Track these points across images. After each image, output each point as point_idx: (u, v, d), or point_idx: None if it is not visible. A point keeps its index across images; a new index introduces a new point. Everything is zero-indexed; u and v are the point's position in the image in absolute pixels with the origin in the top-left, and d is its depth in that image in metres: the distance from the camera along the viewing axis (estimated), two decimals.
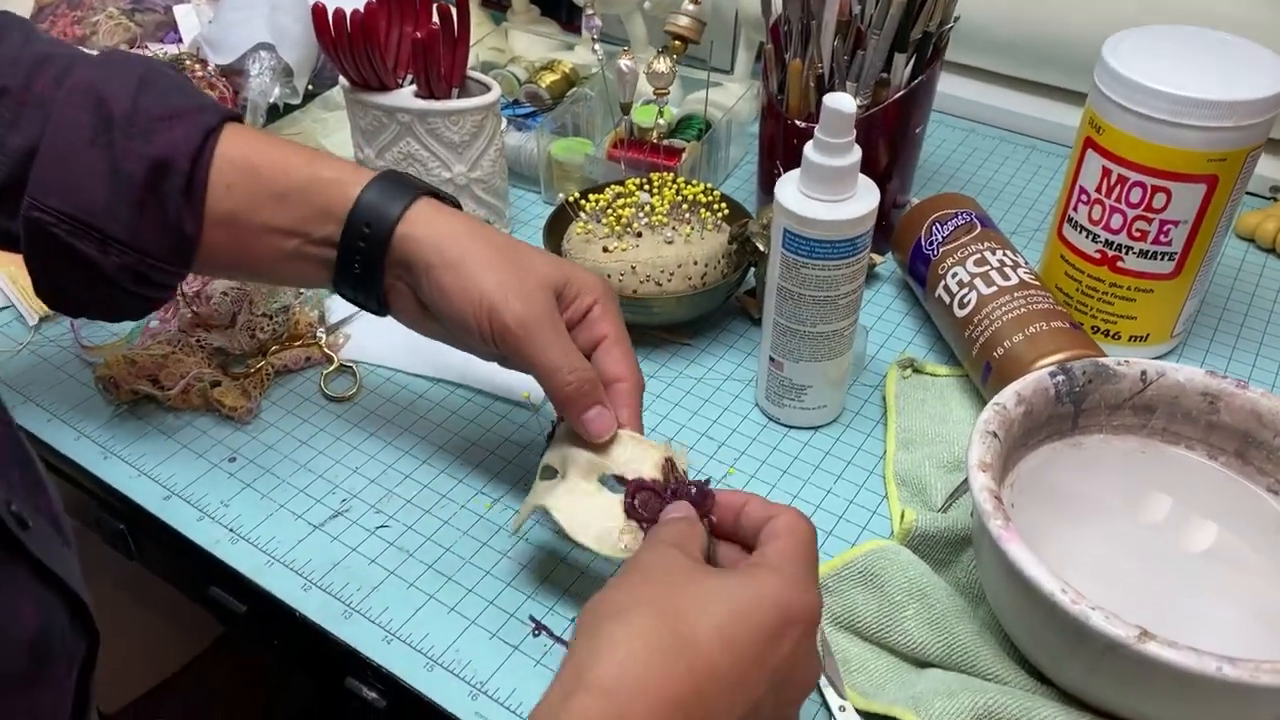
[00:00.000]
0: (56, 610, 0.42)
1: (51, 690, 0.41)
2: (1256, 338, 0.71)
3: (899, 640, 0.50)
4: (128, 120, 0.50)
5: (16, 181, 0.50)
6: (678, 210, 0.69)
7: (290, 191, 0.52)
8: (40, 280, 0.53)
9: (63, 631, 0.42)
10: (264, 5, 0.88)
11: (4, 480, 0.41)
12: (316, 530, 0.57)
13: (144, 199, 0.50)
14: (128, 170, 0.50)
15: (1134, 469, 0.53)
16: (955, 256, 0.66)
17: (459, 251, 0.50)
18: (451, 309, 0.50)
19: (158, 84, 0.52)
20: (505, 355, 0.51)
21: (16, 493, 0.41)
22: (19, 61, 0.51)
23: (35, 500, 0.43)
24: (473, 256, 0.50)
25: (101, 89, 0.50)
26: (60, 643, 0.42)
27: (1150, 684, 0.41)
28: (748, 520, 0.45)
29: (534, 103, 0.90)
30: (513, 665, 0.51)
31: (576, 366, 0.50)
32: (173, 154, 0.50)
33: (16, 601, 0.39)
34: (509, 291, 0.49)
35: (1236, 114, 0.57)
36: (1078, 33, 0.86)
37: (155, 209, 0.51)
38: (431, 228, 0.51)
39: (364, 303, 0.55)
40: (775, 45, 0.73)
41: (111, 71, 0.51)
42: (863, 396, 0.67)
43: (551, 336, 0.50)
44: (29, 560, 0.40)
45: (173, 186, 0.51)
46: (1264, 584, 0.49)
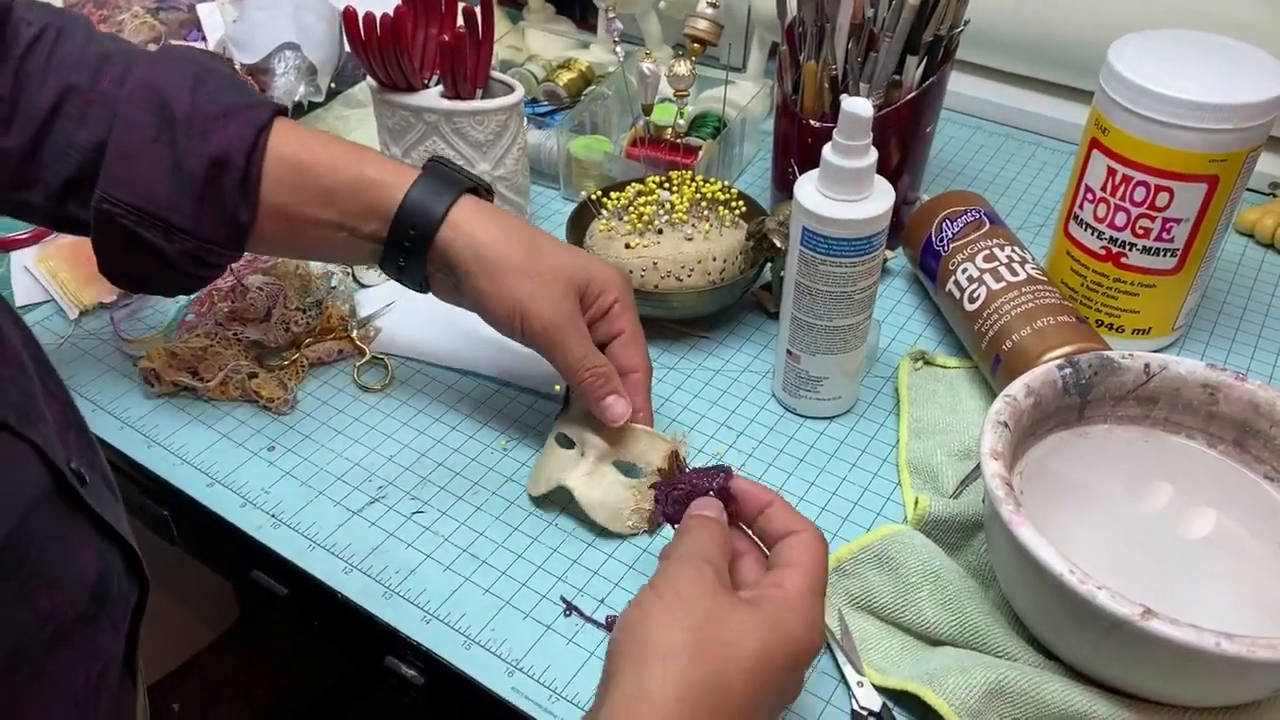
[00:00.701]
0: (113, 558, 0.46)
1: (109, 632, 0.45)
2: (1255, 330, 0.74)
3: (913, 620, 0.53)
4: (187, 120, 0.54)
5: (87, 175, 0.54)
6: (697, 208, 0.71)
7: (338, 188, 0.57)
8: (107, 262, 0.57)
9: (119, 578, 0.46)
10: (289, 5, 0.90)
11: (64, 442, 0.44)
12: (355, 516, 0.60)
13: (204, 194, 0.55)
14: (189, 168, 0.54)
15: (1137, 457, 0.56)
16: (965, 252, 0.69)
17: (494, 259, 0.56)
18: (488, 310, 0.58)
19: (210, 81, 0.56)
20: (536, 350, 0.58)
21: (74, 452, 0.45)
22: (84, 61, 0.55)
23: (90, 460, 0.47)
24: (506, 264, 0.56)
25: (161, 88, 0.54)
26: (117, 587, 0.46)
27: (1153, 659, 0.44)
28: (769, 525, 0.47)
29: (552, 101, 0.92)
30: (546, 644, 0.54)
31: (595, 363, 0.57)
32: (229, 150, 0.55)
33: (80, 550, 0.43)
34: (538, 299, 0.56)
35: (1236, 117, 0.59)
36: (1083, 33, 0.89)
37: (214, 201, 0.55)
38: (469, 234, 0.56)
39: (407, 284, 0.60)
40: (790, 47, 0.75)
41: (169, 69, 0.55)
42: (876, 388, 0.69)
43: (574, 338, 0.57)
44: (88, 513, 0.44)
45: (230, 181, 0.55)
46: (1261, 568, 0.52)
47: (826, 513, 0.61)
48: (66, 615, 0.41)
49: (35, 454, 0.41)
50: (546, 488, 0.59)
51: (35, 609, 0.39)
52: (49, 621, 0.40)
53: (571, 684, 0.52)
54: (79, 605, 0.42)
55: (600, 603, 0.56)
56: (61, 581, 0.41)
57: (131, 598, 0.48)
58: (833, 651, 0.52)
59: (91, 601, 0.43)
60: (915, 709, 0.50)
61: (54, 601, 0.40)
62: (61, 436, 0.44)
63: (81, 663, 0.43)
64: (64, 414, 0.47)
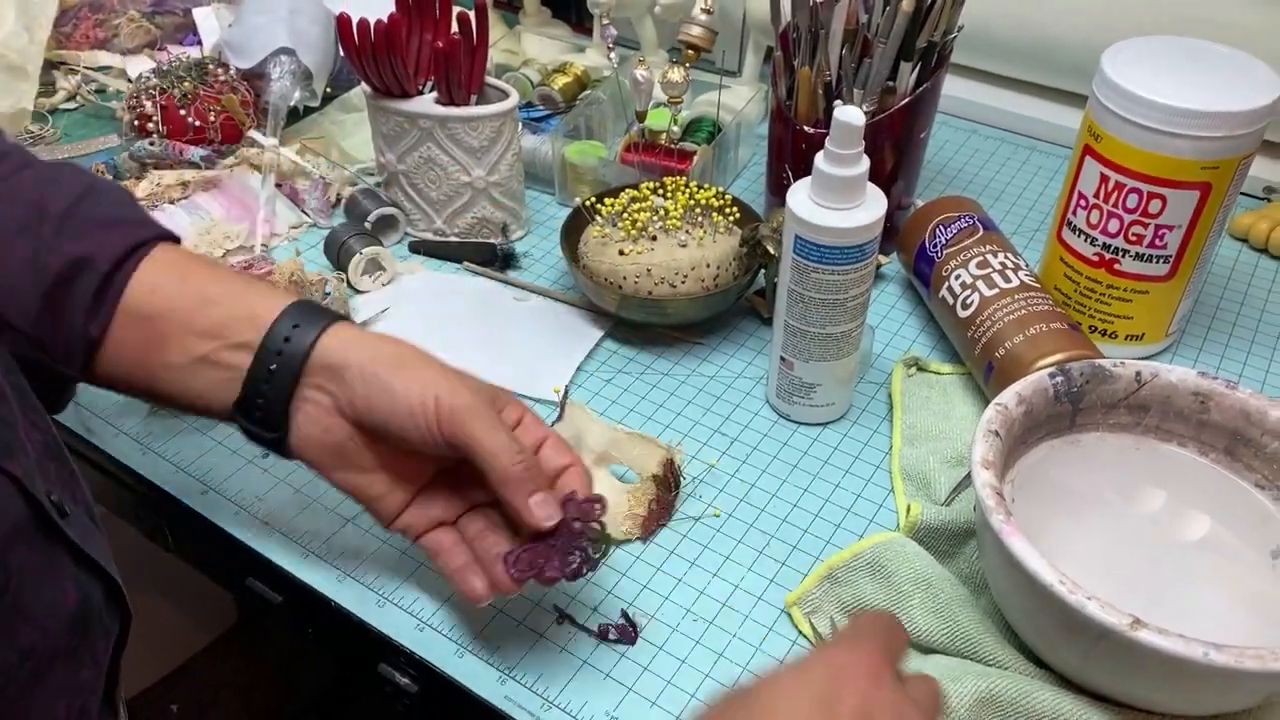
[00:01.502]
0: (94, 590, 0.45)
1: (90, 668, 0.44)
2: (1248, 335, 0.74)
3: (906, 627, 0.53)
4: (61, 218, 0.50)
5: None
6: (691, 214, 0.71)
7: (219, 297, 0.52)
8: None
9: (100, 610, 0.45)
10: (284, 10, 0.90)
11: (43, 472, 0.43)
12: (349, 523, 0.60)
13: (53, 293, 0.49)
14: (46, 262, 0.49)
15: (1129, 465, 0.56)
16: (958, 259, 0.69)
17: (394, 354, 0.51)
18: (393, 400, 0.49)
19: (104, 194, 0.53)
20: (446, 443, 0.49)
21: (54, 483, 0.44)
22: None
23: (72, 490, 0.46)
24: (412, 354, 0.51)
25: (46, 187, 0.51)
26: (98, 620, 0.45)
27: (1142, 669, 0.44)
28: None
29: (547, 105, 0.92)
30: (539, 652, 0.54)
31: (524, 450, 0.50)
32: (96, 255, 0.50)
33: (61, 582, 0.42)
34: (454, 380, 0.50)
35: (1228, 124, 0.60)
36: (1078, 37, 0.89)
37: (63, 305, 0.50)
38: (359, 336, 0.52)
39: (261, 420, 0.51)
40: (784, 52, 0.75)
41: (64, 175, 0.52)
42: (869, 394, 0.69)
43: (497, 421, 0.50)
44: (68, 545, 0.43)
45: (86, 286, 0.50)
46: (1252, 574, 0.52)
47: (819, 519, 0.61)
48: (46, 651, 0.40)
49: (14, 486, 0.40)
50: None
51: (15, 645, 0.38)
52: (28, 658, 0.39)
53: (564, 693, 0.52)
54: (58, 640, 0.41)
55: (593, 611, 0.56)
56: (41, 616, 0.40)
57: (114, 631, 0.47)
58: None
59: (71, 636, 0.42)
60: None
61: (33, 637, 0.39)
62: (41, 467, 0.43)
63: (62, 698, 0.42)
64: (44, 443, 0.45)
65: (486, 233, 0.82)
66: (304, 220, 0.84)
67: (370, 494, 0.52)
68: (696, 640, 0.54)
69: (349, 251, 0.76)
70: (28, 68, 0.93)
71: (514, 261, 0.81)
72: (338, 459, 0.51)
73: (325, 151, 0.90)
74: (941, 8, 0.70)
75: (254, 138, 0.86)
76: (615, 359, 0.72)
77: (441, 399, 0.49)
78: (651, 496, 0.60)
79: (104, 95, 1.00)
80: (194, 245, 0.78)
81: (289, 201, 0.85)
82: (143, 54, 1.03)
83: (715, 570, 0.58)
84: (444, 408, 0.49)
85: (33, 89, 0.93)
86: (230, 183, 0.83)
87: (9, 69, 0.92)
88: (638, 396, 0.69)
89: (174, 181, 0.81)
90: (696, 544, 0.59)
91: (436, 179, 0.78)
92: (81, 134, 0.96)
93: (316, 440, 0.51)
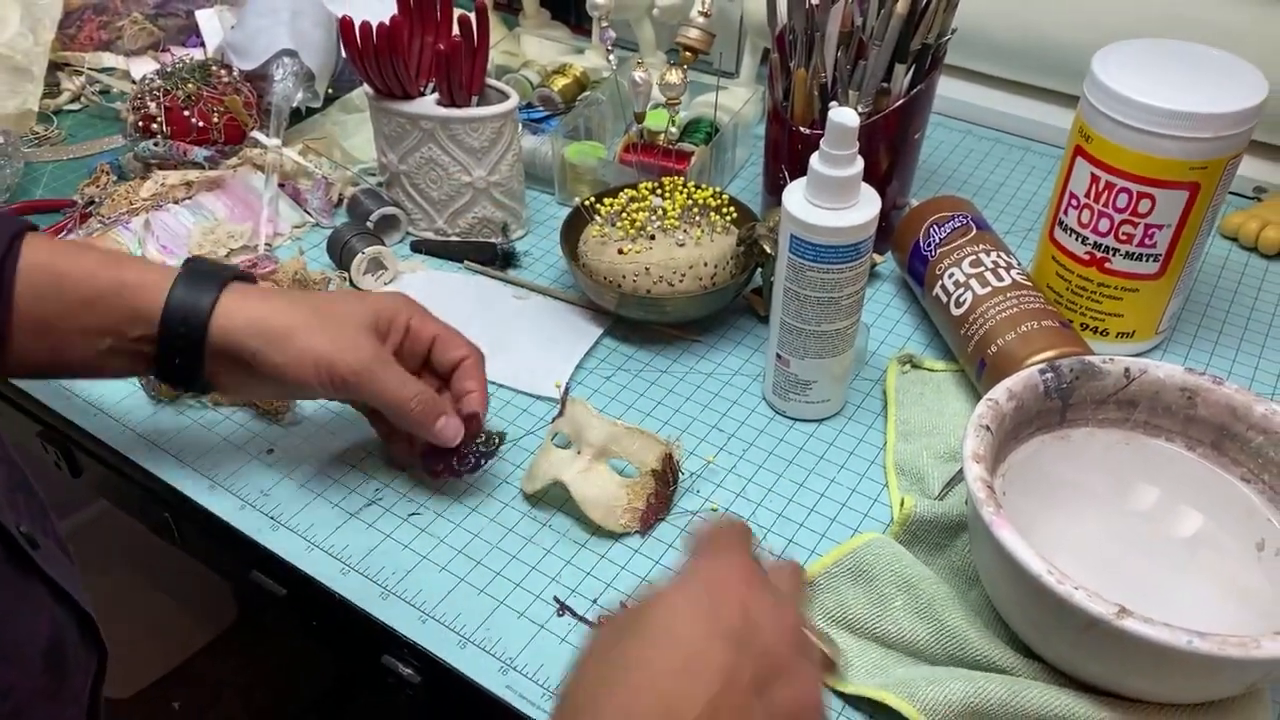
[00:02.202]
0: (68, 626, 0.45)
1: (73, 705, 0.44)
2: (1238, 333, 0.75)
3: (889, 629, 0.54)
4: None
5: None
6: (688, 214, 0.72)
7: (98, 298, 0.54)
8: None
9: (74, 645, 0.45)
10: (286, 12, 0.91)
11: (11, 504, 0.44)
12: (352, 518, 0.61)
13: None
14: None
15: (1118, 460, 0.57)
16: (952, 258, 0.70)
17: (279, 327, 0.55)
18: (289, 377, 0.55)
19: None
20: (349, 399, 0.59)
21: (24, 516, 0.44)
22: None
23: (42, 524, 0.46)
24: (295, 327, 0.55)
25: None
26: (74, 657, 0.45)
27: (1129, 657, 0.45)
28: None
29: (547, 106, 0.93)
30: (540, 643, 0.55)
31: (415, 391, 0.57)
32: None
33: (35, 616, 0.42)
34: (339, 346, 0.55)
35: (1215, 125, 0.61)
36: (1072, 38, 0.90)
37: None
38: (246, 312, 0.55)
39: (188, 386, 0.57)
40: (781, 54, 0.76)
41: None
42: (864, 390, 0.70)
43: (386, 373, 0.56)
44: (41, 577, 0.43)
45: None
46: (1239, 566, 0.53)
47: (814, 513, 0.62)
48: (23, 689, 0.40)
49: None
50: (542, 483, 0.61)
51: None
52: (7, 699, 0.39)
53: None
54: (36, 680, 0.41)
55: (593, 603, 0.57)
56: (15, 654, 0.40)
57: (91, 668, 0.47)
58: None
59: (46, 673, 0.42)
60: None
61: (10, 676, 0.39)
62: (9, 499, 0.43)
63: None
64: (9, 476, 0.46)
65: (487, 232, 0.83)
66: (307, 220, 0.85)
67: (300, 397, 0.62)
68: None
69: (351, 251, 0.77)
70: (33, 69, 0.93)
71: (514, 261, 0.82)
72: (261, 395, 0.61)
73: (327, 152, 0.91)
74: (935, 11, 0.71)
75: (257, 138, 0.87)
76: (614, 356, 0.73)
77: (333, 369, 0.55)
78: (650, 491, 0.61)
79: (108, 96, 1.01)
80: (198, 245, 0.79)
81: (292, 201, 0.86)
82: (146, 56, 1.04)
83: None
84: (336, 379, 0.55)
85: (38, 90, 0.94)
86: (234, 183, 0.84)
87: (14, 70, 0.93)
88: (636, 393, 0.70)
89: (178, 181, 0.82)
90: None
91: (438, 179, 0.79)
92: (86, 135, 0.97)
93: (235, 389, 0.60)
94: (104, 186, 0.85)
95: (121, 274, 0.54)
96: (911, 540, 0.58)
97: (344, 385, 0.55)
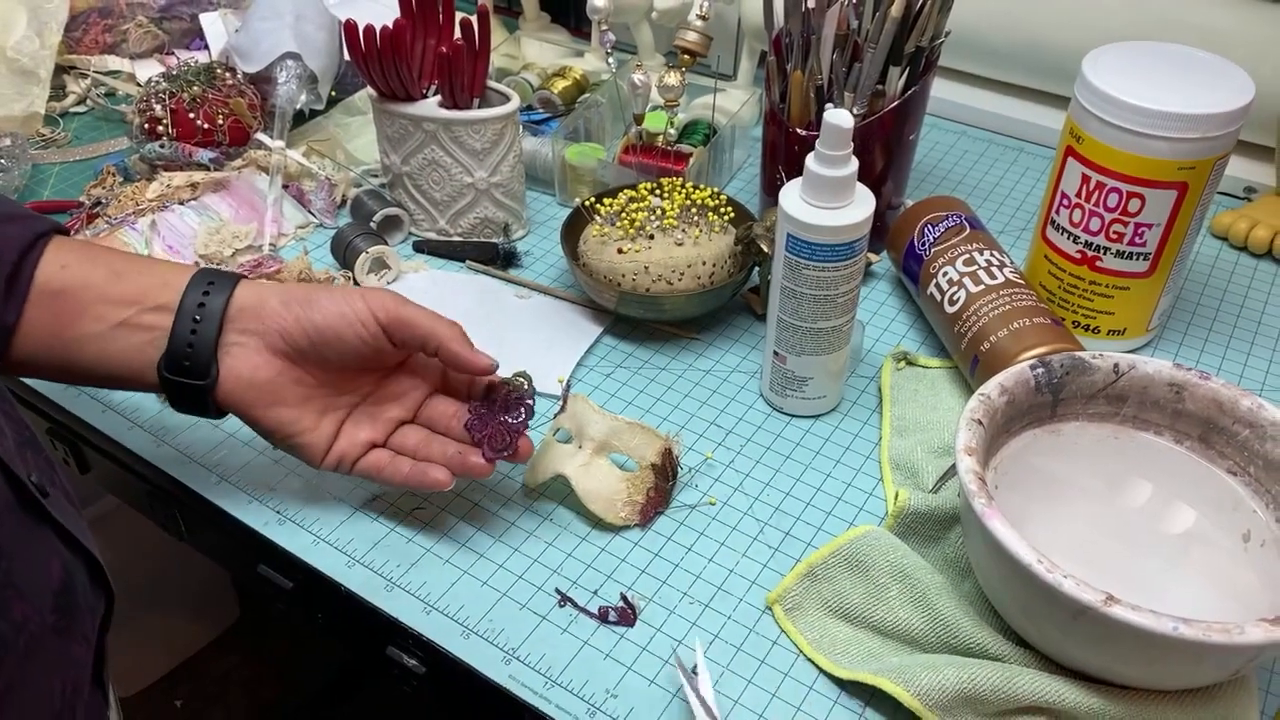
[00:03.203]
0: (77, 569, 0.47)
1: (80, 643, 0.46)
2: (1227, 330, 0.76)
3: (885, 618, 0.55)
4: None
5: None
6: (687, 214, 0.73)
7: (128, 270, 0.54)
8: None
9: (84, 588, 0.47)
10: (290, 15, 0.92)
11: (22, 458, 0.45)
12: (357, 512, 0.62)
13: None
14: None
15: (1107, 453, 0.58)
16: (946, 256, 0.71)
17: (301, 294, 0.56)
18: (324, 312, 0.55)
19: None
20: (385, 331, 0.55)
21: (33, 468, 0.46)
22: None
23: (50, 476, 0.48)
24: (316, 291, 0.56)
25: None
26: (83, 597, 0.47)
27: (1117, 644, 0.46)
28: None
29: (547, 108, 0.95)
30: (541, 633, 0.56)
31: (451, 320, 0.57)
32: (1, 246, 0.52)
33: (47, 558, 0.44)
34: (363, 294, 0.56)
35: (1203, 126, 0.62)
36: (1062, 40, 0.91)
37: None
38: (270, 283, 0.56)
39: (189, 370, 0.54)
40: (777, 57, 0.77)
41: None
42: (860, 387, 0.72)
43: (412, 306, 0.56)
44: (52, 523, 0.45)
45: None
46: (1225, 557, 0.55)
47: (811, 507, 0.63)
48: (37, 625, 0.42)
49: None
50: (544, 477, 0.62)
51: (9, 619, 0.40)
52: (21, 632, 0.41)
53: (566, 671, 0.54)
54: (46, 615, 0.43)
55: (593, 594, 0.58)
56: (30, 591, 0.42)
57: (99, 609, 0.49)
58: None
59: (56, 611, 0.44)
60: (886, 709, 0.52)
61: (25, 611, 0.41)
62: (20, 453, 0.45)
63: (56, 673, 0.43)
64: (17, 433, 0.47)
65: (489, 232, 0.84)
66: (310, 220, 0.87)
67: (299, 427, 0.56)
68: (693, 622, 0.57)
69: (355, 251, 0.79)
70: (39, 72, 0.95)
71: (515, 260, 0.83)
72: (267, 396, 0.55)
73: (331, 153, 0.92)
74: (929, 14, 0.72)
75: (261, 140, 0.88)
76: (615, 354, 0.75)
77: (369, 296, 0.55)
78: (650, 485, 0.62)
79: (113, 99, 1.02)
80: (204, 245, 0.80)
81: (296, 202, 0.87)
82: (151, 58, 1.05)
83: (711, 556, 0.60)
84: (374, 302, 0.55)
85: (44, 93, 0.95)
86: (238, 184, 0.85)
87: (21, 73, 0.94)
88: (636, 390, 0.71)
89: (183, 183, 0.83)
90: (693, 531, 0.62)
91: (440, 180, 0.80)
92: (91, 137, 0.98)
93: (247, 380, 0.55)
94: (110, 188, 0.86)
95: (155, 259, 0.56)
96: (906, 532, 0.59)
97: (383, 310, 0.55)
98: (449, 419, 0.59)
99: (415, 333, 0.56)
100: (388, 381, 0.60)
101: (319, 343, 0.55)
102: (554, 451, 0.63)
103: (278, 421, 0.56)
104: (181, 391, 0.55)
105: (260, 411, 0.56)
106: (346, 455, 0.57)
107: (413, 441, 0.59)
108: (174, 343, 0.53)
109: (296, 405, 0.56)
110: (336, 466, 0.58)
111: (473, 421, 0.58)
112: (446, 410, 0.60)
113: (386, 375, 0.60)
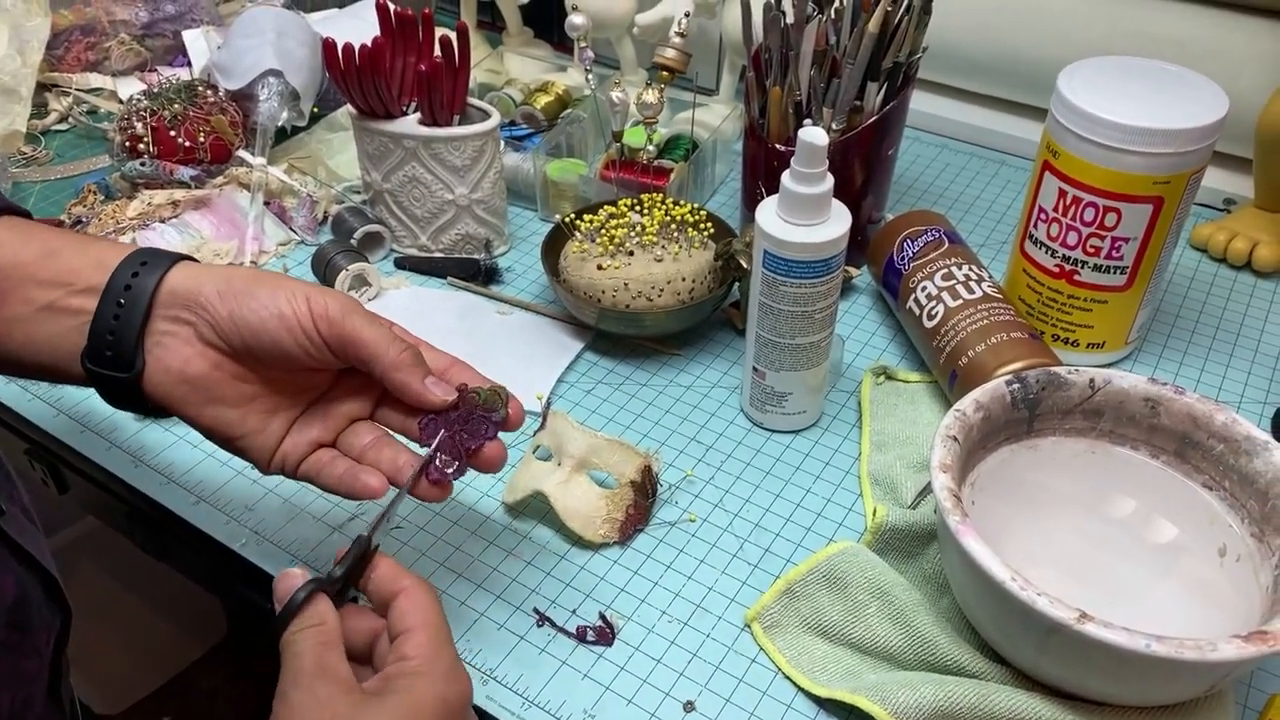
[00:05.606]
0: (33, 586, 0.46)
1: (33, 657, 0.45)
2: (1206, 343, 0.77)
3: (863, 635, 0.55)
4: None
5: None
6: (667, 230, 0.73)
7: (64, 248, 0.49)
8: None
9: (39, 605, 0.46)
10: (271, 32, 0.92)
11: None
12: (336, 532, 0.62)
13: None
14: None
15: (1084, 468, 0.58)
16: (925, 271, 0.71)
17: (251, 273, 0.49)
18: (261, 311, 0.48)
19: None
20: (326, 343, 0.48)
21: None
22: None
23: (9, 491, 0.47)
24: (267, 274, 0.50)
25: None
26: (38, 614, 0.46)
27: (1091, 661, 0.46)
28: (377, 587, 0.46)
29: (529, 124, 0.95)
30: (519, 653, 0.56)
31: (402, 338, 0.50)
32: None
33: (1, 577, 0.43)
34: (308, 287, 0.49)
35: (1177, 141, 0.62)
36: (1045, 53, 0.92)
37: None
38: (210, 266, 0.50)
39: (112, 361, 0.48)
40: (757, 73, 0.78)
41: None
42: (840, 402, 0.72)
43: (373, 317, 0.49)
44: (7, 541, 0.44)
45: None
46: (1202, 572, 0.55)
47: (791, 523, 0.63)
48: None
49: None
50: (523, 494, 0.62)
51: None
52: None
53: (543, 692, 0.54)
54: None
55: (572, 613, 0.58)
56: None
57: (55, 625, 0.48)
58: None
59: (8, 626, 0.43)
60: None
61: None
62: None
63: (5, 689, 0.43)
64: None
65: (470, 248, 0.84)
66: (292, 237, 0.87)
67: (242, 430, 0.50)
68: (671, 641, 0.56)
69: (335, 267, 0.79)
70: (20, 90, 0.95)
71: (497, 276, 0.83)
72: (202, 393, 0.49)
73: (312, 170, 0.92)
74: (906, 30, 0.72)
75: (243, 157, 0.88)
76: (595, 370, 0.75)
77: (314, 300, 0.48)
78: (629, 502, 0.62)
79: (95, 116, 1.02)
80: None
81: (277, 219, 0.87)
82: (133, 76, 1.05)
83: (690, 574, 0.60)
84: (318, 308, 0.48)
85: (25, 110, 0.95)
86: (220, 201, 0.85)
87: (2, 91, 0.94)
88: (617, 406, 0.71)
89: (164, 200, 0.83)
90: (672, 548, 0.61)
91: (421, 197, 0.81)
92: (73, 154, 0.98)
93: (177, 373, 0.48)
94: (91, 206, 0.86)
95: (96, 239, 0.51)
96: (884, 548, 0.59)
97: (326, 318, 0.48)
98: (405, 420, 0.52)
99: (359, 353, 0.48)
100: (347, 372, 0.52)
101: (255, 346, 0.48)
102: (533, 469, 0.63)
103: (216, 421, 0.49)
104: (108, 385, 0.48)
105: (196, 410, 0.49)
106: (289, 456, 0.51)
107: (363, 441, 0.52)
108: (95, 329, 0.47)
109: (239, 404, 0.49)
110: (281, 470, 0.51)
111: (426, 423, 0.51)
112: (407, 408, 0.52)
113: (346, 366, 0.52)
